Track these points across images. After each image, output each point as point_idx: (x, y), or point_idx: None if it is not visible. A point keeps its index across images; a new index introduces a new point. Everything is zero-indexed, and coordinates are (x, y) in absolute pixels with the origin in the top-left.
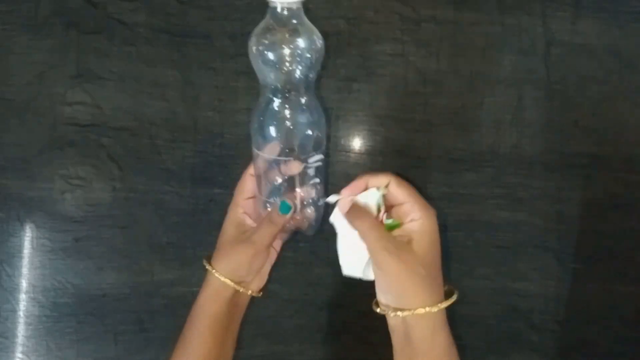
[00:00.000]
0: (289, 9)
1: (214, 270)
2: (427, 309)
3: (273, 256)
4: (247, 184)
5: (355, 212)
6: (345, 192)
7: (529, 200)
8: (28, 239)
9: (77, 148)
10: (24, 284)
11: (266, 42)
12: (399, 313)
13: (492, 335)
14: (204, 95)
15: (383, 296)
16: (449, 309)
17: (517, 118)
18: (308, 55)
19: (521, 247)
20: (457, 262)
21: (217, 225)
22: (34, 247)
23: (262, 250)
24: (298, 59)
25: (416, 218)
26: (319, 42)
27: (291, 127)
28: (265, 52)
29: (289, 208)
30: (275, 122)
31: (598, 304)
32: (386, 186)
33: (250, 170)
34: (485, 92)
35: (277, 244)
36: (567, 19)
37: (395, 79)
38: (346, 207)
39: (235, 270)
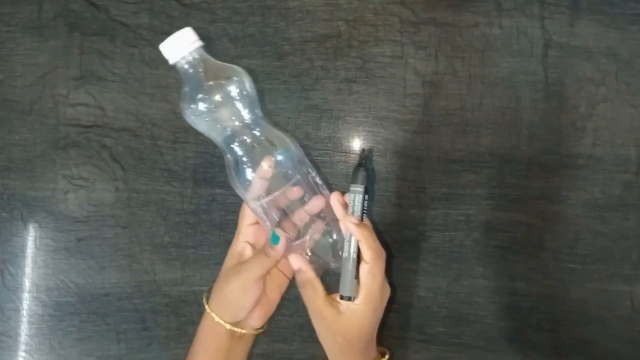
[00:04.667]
0: (191, 61)
1: (208, 309)
2: None
3: (283, 288)
4: (248, 209)
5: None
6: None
7: (527, 201)
8: (31, 239)
9: (79, 149)
10: (27, 283)
11: (195, 105)
12: None
13: (490, 335)
14: None
15: None
16: (449, 309)
17: (515, 119)
18: (237, 92)
19: (519, 247)
20: (456, 262)
21: (218, 225)
22: (37, 247)
23: (251, 284)
24: (230, 100)
25: (357, 304)
26: (240, 75)
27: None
28: (201, 111)
29: (278, 239)
30: (248, 164)
31: (596, 303)
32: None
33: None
34: (483, 94)
35: (284, 283)
36: (564, 21)
37: (395, 80)
38: (334, 200)
39: (228, 307)
